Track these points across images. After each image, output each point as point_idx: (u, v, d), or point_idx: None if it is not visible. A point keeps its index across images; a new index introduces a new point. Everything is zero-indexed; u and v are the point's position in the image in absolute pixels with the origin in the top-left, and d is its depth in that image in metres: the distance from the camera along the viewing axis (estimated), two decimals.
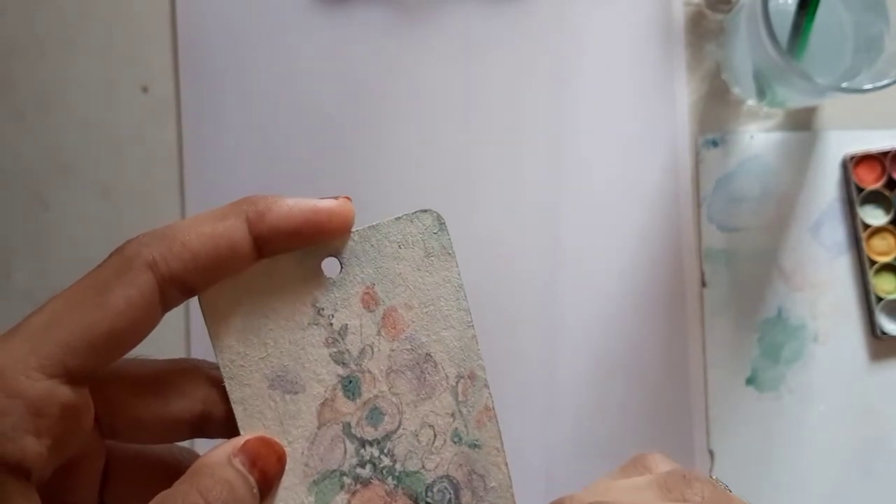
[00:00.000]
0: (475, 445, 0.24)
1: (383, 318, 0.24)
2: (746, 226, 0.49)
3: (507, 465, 0.24)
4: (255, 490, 0.21)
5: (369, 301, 0.24)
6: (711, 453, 0.48)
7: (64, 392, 0.20)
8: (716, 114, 0.49)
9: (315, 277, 0.23)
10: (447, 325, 0.24)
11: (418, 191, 0.48)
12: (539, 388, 0.48)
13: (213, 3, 0.49)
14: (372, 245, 0.24)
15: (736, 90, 0.49)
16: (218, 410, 0.23)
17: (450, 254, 0.24)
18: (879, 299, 0.48)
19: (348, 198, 0.23)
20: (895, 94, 0.39)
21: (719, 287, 0.48)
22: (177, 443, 0.25)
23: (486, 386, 0.24)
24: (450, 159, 0.49)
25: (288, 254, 0.23)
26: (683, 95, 0.49)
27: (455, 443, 0.24)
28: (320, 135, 0.49)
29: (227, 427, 0.23)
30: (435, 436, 0.24)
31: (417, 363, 0.24)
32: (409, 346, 0.24)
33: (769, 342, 0.48)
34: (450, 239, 0.24)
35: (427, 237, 0.24)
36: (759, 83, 0.46)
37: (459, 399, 0.24)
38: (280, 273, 0.23)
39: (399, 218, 0.24)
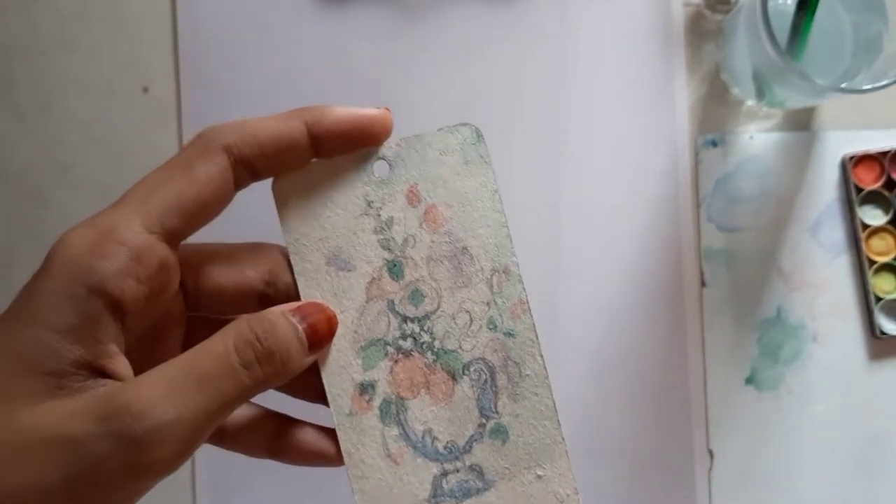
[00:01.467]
0: (510, 334, 0.27)
1: (425, 213, 0.27)
2: (746, 226, 0.49)
3: (542, 356, 0.27)
4: (303, 336, 0.25)
5: (413, 198, 0.27)
6: (711, 453, 0.48)
7: (161, 248, 0.24)
8: (715, 114, 0.49)
9: (367, 176, 0.27)
10: (483, 224, 0.27)
11: None
12: None
13: (213, 4, 0.49)
14: (416, 151, 0.27)
15: (735, 91, 0.49)
16: (282, 278, 0.27)
17: (486, 162, 0.27)
18: (878, 299, 0.48)
19: (388, 108, 0.27)
20: (894, 94, 0.39)
21: (719, 287, 0.48)
22: None
23: (521, 281, 0.27)
24: None
25: (345, 155, 0.27)
26: (683, 96, 0.49)
27: (490, 329, 0.27)
28: None
29: (289, 300, 0.27)
30: (471, 320, 0.27)
31: (455, 255, 0.27)
32: (447, 240, 0.27)
33: (768, 342, 0.48)
34: (487, 149, 0.27)
35: (466, 146, 0.27)
36: (758, 84, 0.46)
37: (494, 290, 0.27)
38: (338, 171, 0.27)
39: (441, 129, 0.27)
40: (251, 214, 0.37)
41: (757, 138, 0.49)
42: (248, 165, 0.25)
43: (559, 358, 0.48)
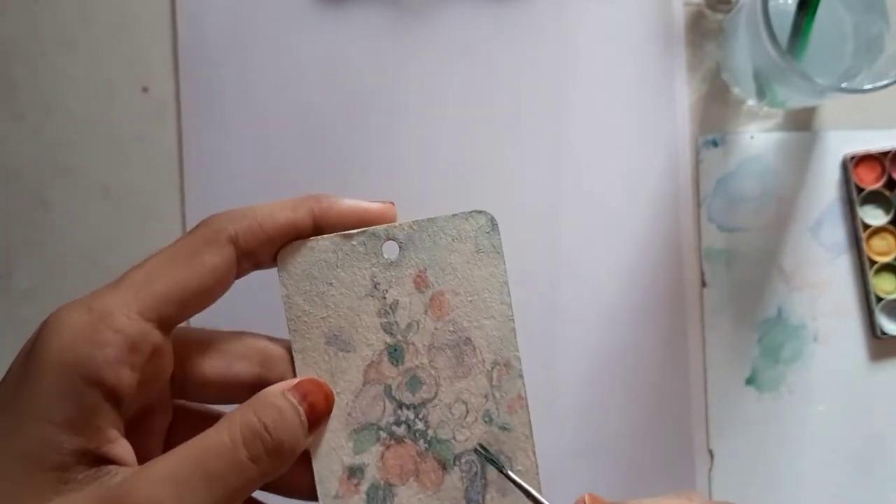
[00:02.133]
0: (505, 428, 0.27)
1: (431, 299, 0.27)
2: (746, 226, 0.49)
3: (535, 453, 0.27)
4: (304, 418, 0.25)
5: (420, 283, 0.27)
6: (711, 453, 0.48)
7: (156, 335, 0.24)
8: (716, 114, 0.49)
9: (375, 256, 0.27)
10: (489, 315, 0.27)
11: (418, 191, 0.48)
12: (539, 388, 0.48)
13: (213, 3, 0.49)
14: (428, 235, 0.27)
15: (736, 90, 0.49)
16: (275, 371, 0.27)
17: (498, 252, 0.27)
18: (879, 299, 0.48)
19: (392, 203, 0.27)
20: (895, 94, 0.39)
21: (719, 287, 0.48)
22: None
23: (521, 376, 0.27)
24: (449, 159, 0.49)
25: (356, 234, 0.27)
26: (683, 95, 0.49)
27: (486, 422, 0.27)
28: (320, 135, 0.49)
29: None
30: (467, 411, 0.27)
31: (457, 344, 0.27)
32: (451, 328, 0.27)
33: (769, 342, 0.48)
34: (500, 239, 0.27)
35: (479, 235, 0.27)
36: (758, 83, 0.46)
37: (493, 383, 0.27)
38: (347, 249, 0.27)
39: (456, 215, 0.27)
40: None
41: (758, 138, 0.49)
42: (251, 256, 0.26)
43: (559, 358, 0.48)
